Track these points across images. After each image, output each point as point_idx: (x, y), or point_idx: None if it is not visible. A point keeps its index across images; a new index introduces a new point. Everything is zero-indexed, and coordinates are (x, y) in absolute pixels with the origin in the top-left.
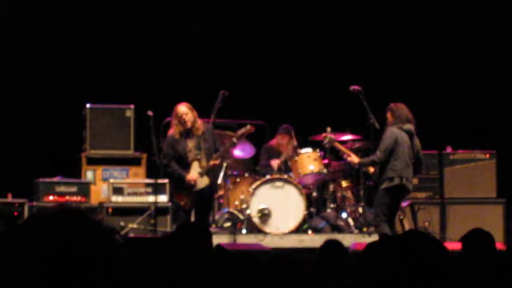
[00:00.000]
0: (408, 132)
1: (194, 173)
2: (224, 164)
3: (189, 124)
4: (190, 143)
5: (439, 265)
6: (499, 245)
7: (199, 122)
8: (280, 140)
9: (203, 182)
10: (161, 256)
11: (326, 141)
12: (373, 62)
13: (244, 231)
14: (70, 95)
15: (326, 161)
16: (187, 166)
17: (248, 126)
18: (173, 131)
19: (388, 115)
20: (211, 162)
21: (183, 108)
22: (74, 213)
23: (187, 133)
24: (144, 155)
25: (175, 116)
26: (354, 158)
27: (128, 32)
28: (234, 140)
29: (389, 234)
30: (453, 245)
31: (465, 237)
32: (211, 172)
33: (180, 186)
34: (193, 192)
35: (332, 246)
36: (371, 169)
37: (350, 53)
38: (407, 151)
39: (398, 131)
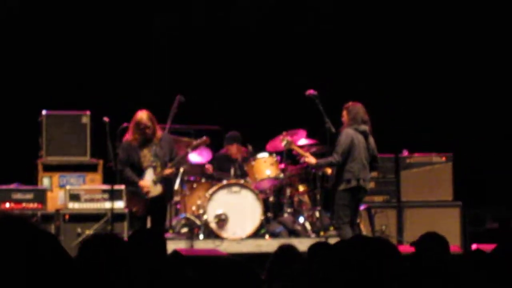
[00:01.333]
0: (363, 133)
1: (147, 180)
2: (181, 170)
3: (148, 134)
4: (146, 150)
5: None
6: (456, 248)
7: (159, 131)
8: (234, 150)
9: (156, 190)
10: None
11: (284, 143)
12: (329, 65)
13: (201, 236)
14: (26, 102)
15: (282, 165)
16: (141, 173)
17: (204, 138)
18: (130, 138)
19: (344, 113)
20: (165, 171)
21: (144, 118)
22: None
23: (145, 141)
24: (101, 161)
25: (135, 124)
26: (311, 159)
27: (83, 37)
28: (189, 150)
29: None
30: (408, 248)
31: (418, 240)
32: (165, 180)
33: (133, 193)
34: (146, 199)
35: (286, 251)
36: (329, 171)
37: (305, 57)
38: (363, 152)
39: (353, 133)
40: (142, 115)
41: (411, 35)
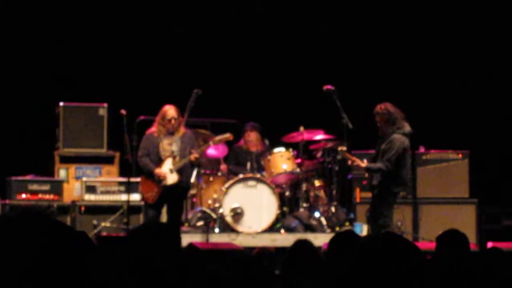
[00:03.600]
0: (410, 135)
1: (164, 169)
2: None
3: (173, 127)
4: (166, 142)
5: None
6: (472, 246)
7: (182, 127)
8: (247, 137)
9: (172, 178)
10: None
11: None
12: (347, 61)
13: (216, 230)
14: (43, 93)
15: (299, 160)
16: (160, 163)
17: (228, 135)
18: (154, 130)
19: (379, 119)
20: (193, 156)
21: (172, 113)
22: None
23: (167, 133)
24: (117, 154)
25: (162, 115)
26: (361, 163)
27: (102, 30)
28: (211, 143)
29: None
30: (426, 245)
31: (440, 237)
32: (183, 171)
33: (147, 178)
34: (160, 186)
35: (302, 246)
36: (366, 174)
37: (323, 52)
38: (409, 157)
39: (404, 139)
40: (170, 107)
41: (430, 29)
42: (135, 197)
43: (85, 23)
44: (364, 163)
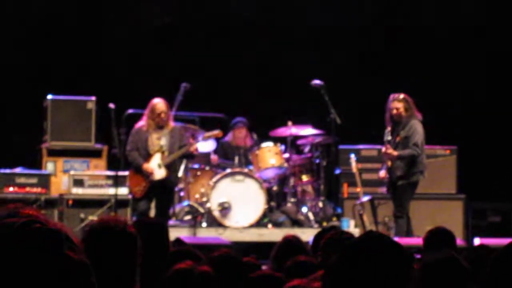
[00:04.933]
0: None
1: (153, 164)
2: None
3: (161, 121)
4: (155, 136)
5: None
6: (459, 241)
7: (171, 122)
8: (237, 134)
9: (160, 173)
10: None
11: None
12: (335, 56)
13: (204, 224)
14: (31, 86)
15: (287, 155)
16: (148, 158)
17: (217, 131)
18: (143, 124)
19: (402, 105)
20: (190, 148)
21: (162, 107)
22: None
23: (156, 127)
24: (105, 148)
25: (151, 109)
26: (393, 152)
27: (90, 23)
28: (201, 139)
29: (404, 230)
30: (413, 240)
31: (427, 235)
32: (172, 166)
33: (136, 172)
34: (148, 181)
35: (291, 241)
36: (389, 163)
37: (312, 47)
38: None
39: (421, 125)
40: (159, 101)
41: (417, 21)
42: (123, 191)
43: (74, 16)
44: (396, 152)
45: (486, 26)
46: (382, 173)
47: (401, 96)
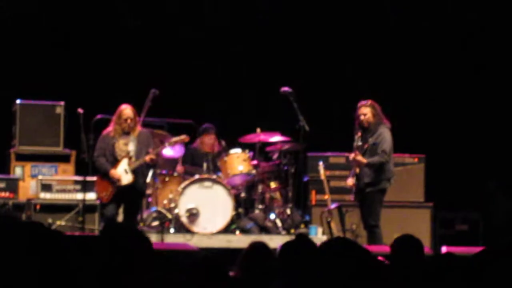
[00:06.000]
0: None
1: (120, 169)
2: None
3: (128, 127)
4: (122, 142)
5: (365, 272)
6: (426, 250)
7: (138, 127)
8: (207, 140)
9: (127, 178)
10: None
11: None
12: (304, 63)
13: (172, 230)
14: (0, 90)
15: (255, 162)
16: (115, 163)
17: (183, 136)
18: (111, 130)
19: (369, 110)
20: (148, 157)
21: (128, 113)
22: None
23: (123, 133)
24: (73, 152)
25: (118, 117)
26: (362, 159)
27: (59, 28)
28: (167, 145)
29: (382, 240)
30: (381, 248)
31: (395, 242)
32: (139, 172)
33: (103, 178)
34: (115, 186)
35: (257, 248)
36: (357, 170)
37: (280, 54)
38: None
39: (390, 133)
40: (126, 107)
41: (386, 30)
42: (91, 196)
43: (43, 21)
44: (365, 159)
45: (452, 33)
46: (350, 181)
47: (368, 102)
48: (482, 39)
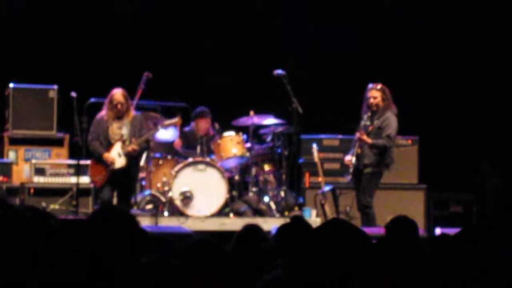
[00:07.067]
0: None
1: (113, 153)
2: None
3: (120, 111)
4: (115, 125)
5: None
6: (420, 231)
7: (132, 110)
8: (202, 124)
9: (121, 162)
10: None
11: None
12: (297, 45)
13: (166, 213)
14: None
15: (248, 144)
16: (109, 147)
17: (177, 119)
18: (104, 114)
19: (379, 94)
20: (130, 147)
21: (118, 95)
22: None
23: (116, 117)
24: (67, 136)
25: (109, 100)
26: (367, 138)
27: (52, 12)
28: (159, 127)
29: (375, 221)
30: (376, 230)
31: (389, 223)
32: (132, 155)
33: (97, 162)
34: (109, 170)
35: (251, 230)
36: (359, 150)
37: (274, 36)
38: None
39: (396, 118)
40: (117, 92)
41: (379, 15)
42: (85, 179)
43: (36, 5)
44: (370, 140)
45: (447, 16)
46: (348, 158)
47: (379, 86)
48: (475, 21)
